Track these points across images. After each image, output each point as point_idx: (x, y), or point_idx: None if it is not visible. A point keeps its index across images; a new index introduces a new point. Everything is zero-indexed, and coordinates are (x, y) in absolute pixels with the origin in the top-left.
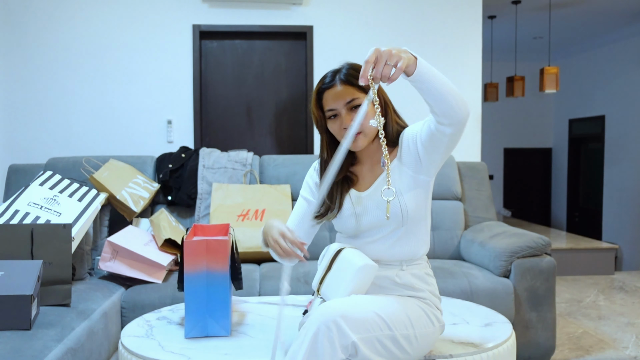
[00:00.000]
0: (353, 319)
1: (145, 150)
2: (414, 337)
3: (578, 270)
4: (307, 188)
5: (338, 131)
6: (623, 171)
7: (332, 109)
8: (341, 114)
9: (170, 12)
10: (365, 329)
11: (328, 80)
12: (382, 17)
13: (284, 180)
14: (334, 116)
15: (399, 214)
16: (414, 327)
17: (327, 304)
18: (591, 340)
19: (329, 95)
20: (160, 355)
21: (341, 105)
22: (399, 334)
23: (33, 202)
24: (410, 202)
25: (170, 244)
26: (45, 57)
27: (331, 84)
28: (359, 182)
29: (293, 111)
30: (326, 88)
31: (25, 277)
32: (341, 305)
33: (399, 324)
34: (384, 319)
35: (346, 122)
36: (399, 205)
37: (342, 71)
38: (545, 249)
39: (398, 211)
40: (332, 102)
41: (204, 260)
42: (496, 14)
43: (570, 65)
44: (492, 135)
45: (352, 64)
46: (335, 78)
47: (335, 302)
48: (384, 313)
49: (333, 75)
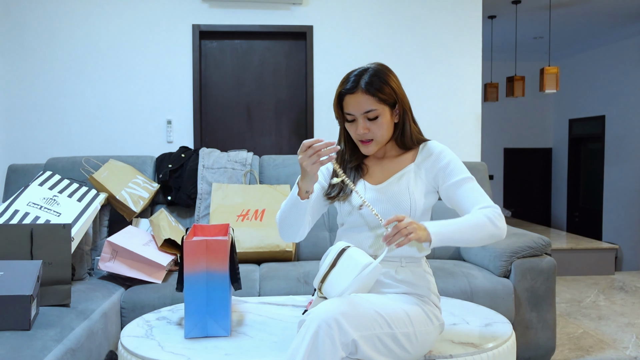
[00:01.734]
0: (353, 317)
1: (145, 150)
2: (414, 335)
3: (578, 270)
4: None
5: (354, 134)
6: (623, 171)
7: (351, 114)
8: (358, 120)
9: (170, 12)
10: (366, 326)
11: (351, 86)
12: (382, 17)
13: (283, 180)
14: (351, 120)
15: (408, 207)
16: (414, 325)
17: (327, 301)
18: (591, 341)
19: (349, 100)
20: (160, 356)
21: (359, 113)
22: (398, 332)
23: (32, 202)
24: (419, 203)
25: (170, 244)
26: (45, 57)
27: (353, 91)
28: (370, 174)
29: (293, 111)
30: (347, 93)
31: (24, 277)
32: (341, 303)
33: (398, 322)
34: (384, 317)
35: (361, 130)
36: (409, 202)
37: (364, 77)
38: (545, 249)
39: (407, 208)
40: (351, 108)
41: (203, 260)
42: (496, 14)
43: (570, 65)
44: (492, 135)
45: (378, 69)
46: (358, 84)
47: (336, 300)
48: (384, 311)
49: (356, 80)
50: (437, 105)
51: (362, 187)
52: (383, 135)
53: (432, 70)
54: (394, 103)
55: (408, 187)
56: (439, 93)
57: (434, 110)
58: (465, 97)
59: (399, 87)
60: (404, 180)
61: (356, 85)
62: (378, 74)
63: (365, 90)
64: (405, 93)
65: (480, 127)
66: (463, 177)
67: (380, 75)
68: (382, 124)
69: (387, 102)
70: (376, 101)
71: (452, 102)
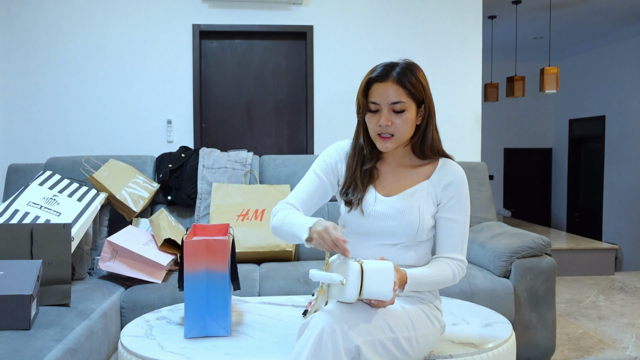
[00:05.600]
0: (356, 322)
1: (145, 150)
2: (415, 338)
3: (578, 270)
4: (323, 166)
5: (374, 126)
6: (623, 171)
7: (376, 103)
8: (382, 111)
9: (170, 12)
10: (369, 332)
11: (382, 73)
12: (382, 17)
13: (284, 180)
14: (375, 110)
15: (416, 228)
16: (415, 328)
17: (331, 306)
18: (591, 341)
19: (377, 88)
20: (159, 355)
21: (385, 103)
22: (400, 336)
23: (32, 201)
24: (427, 223)
25: (169, 244)
26: (45, 57)
27: (384, 79)
28: (380, 182)
29: (293, 111)
30: (377, 80)
31: (24, 277)
32: (345, 308)
33: (401, 326)
34: (386, 321)
35: (384, 121)
36: (417, 222)
37: (397, 69)
38: (545, 249)
39: (415, 228)
40: (378, 96)
41: (203, 260)
42: (496, 14)
43: (570, 65)
44: (492, 135)
45: (409, 63)
46: (390, 74)
47: (340, 305)
48: (387, 315)
49: (388, 70)
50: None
51: (373, 198)
52: (405, 132)
53: (432, 70)
54: (421, 102)
55: (419, 206)
56: (439, 93)
57: None
58: (465, 97)
59: (428, 87)
60: (415, 198)
61: (388, 74)
62: (411, 68)
63: (397, 80)
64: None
65: (480, 127)
66: (459, 218)
67: (413, 69)
68: (406, 119)
69: (415, 98)
70: (406, 94)
71: (452, 102)
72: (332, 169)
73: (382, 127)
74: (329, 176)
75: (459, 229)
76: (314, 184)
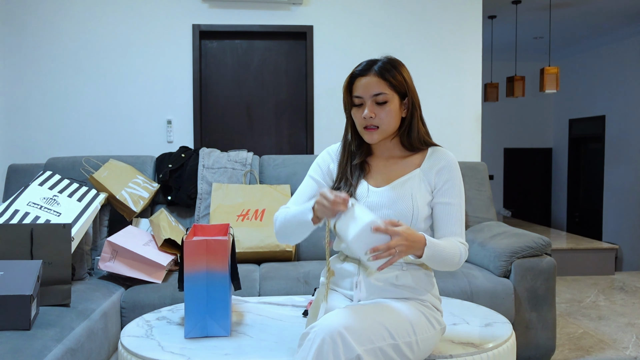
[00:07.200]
0: (357, 330)
1: (145, 150)
2: (416, 343)
3: (578, 270)
4: (318, 170)
5: (359, 119)
6: (623, 171)
7: (359, 97)
8: (366, 103)
9: (170, 12)
10: (370, 340)
11: (363, 68)
12: (382, 17)
13: (283, 180)
14: (359, 104)
15: (410, 215)
16: (416, 333)
17: (331, 314)
18: (591, 341)
19: (360, 83)
20: (160, 356)
21: (368, 95)
22: (401, 342)
23: (32, 202)
24: (422, 211)
25: (170, 244)
26: (45, 57)
27: (365, 73)
28: (372, 175)
29: (293, 111)
30: (359, 75)
31: (24, 277)
32: (346, 316)
33: (402, 332)
34: (387, 328)
35: (368, 113)
36: (411, 210)
37: (378, 63)
38: (545, 249)
39: (409, 216)
40: (360, 89)
41: (203, 260)
42: (496, 14)
43: (570, 65)
44: (492, 135)
45: (391, 58)
46: (371, 68)
47: (340, 313)
48: (387, 322)
49: (369, 65)
50: (437, 105)
51: (365, 189)
52: (390, 124)
53: (432, 70)
54: (404, 94)
55: (412, 193)
56: (439, 93)
57: (433, 110)
58: (465, 97)
59: (410, 80)
60: (407, 185)
61: (369, 68)
62: (392, 63)
63: (378, 73)
64: (416, 90)
65: (480, 127)
66: (455, 201)
67: (394, 64)
68: (389, 111)
69: (397, 89)
70: (387, 85)
71: (452, 102)
72: (326, 171)
73: (367, 120)
74: (324, 178)
75: (456, 212)
76: (311, 187)
